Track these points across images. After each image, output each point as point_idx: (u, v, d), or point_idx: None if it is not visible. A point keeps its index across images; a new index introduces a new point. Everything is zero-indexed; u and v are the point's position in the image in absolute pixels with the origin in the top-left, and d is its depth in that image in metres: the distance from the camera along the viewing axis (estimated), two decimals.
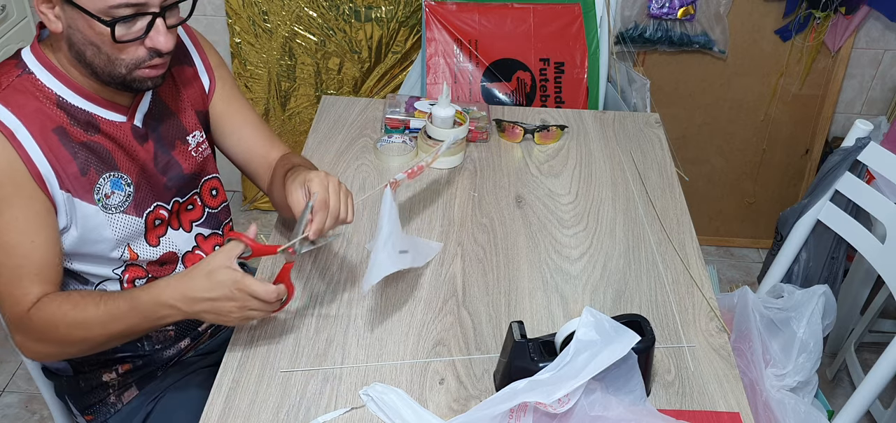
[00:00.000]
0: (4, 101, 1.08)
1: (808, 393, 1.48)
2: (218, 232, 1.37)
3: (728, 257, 2.80)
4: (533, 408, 1.03)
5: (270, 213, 2.81)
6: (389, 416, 1.08)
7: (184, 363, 1.37)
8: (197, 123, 1.31)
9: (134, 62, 1.11)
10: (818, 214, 1.62)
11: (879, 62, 2.47)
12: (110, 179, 1.17)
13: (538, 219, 1.49)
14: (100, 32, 1.06)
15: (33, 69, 1.12)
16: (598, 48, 2.13)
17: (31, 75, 1.12)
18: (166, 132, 1.26)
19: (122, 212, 1.19)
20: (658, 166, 1.66)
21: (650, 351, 1.11)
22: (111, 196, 1.17)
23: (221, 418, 1.08)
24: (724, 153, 2.64)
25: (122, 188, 1.19)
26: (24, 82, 1.11)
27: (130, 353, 1.30)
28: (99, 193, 1.16)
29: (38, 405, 2.14)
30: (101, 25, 1.05)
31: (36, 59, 1.13)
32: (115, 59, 1.10)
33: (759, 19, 2.37)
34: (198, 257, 1.32)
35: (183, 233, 1.30)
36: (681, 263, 1.39)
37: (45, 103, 1.11)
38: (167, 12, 1.10)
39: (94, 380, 1.30)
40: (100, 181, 1.16)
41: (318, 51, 2.54)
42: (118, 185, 1.19)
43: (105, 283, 1.24)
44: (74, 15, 1.06)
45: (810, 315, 1.46)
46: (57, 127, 1.11)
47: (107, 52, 1.09)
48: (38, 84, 1.11)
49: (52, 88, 1.12)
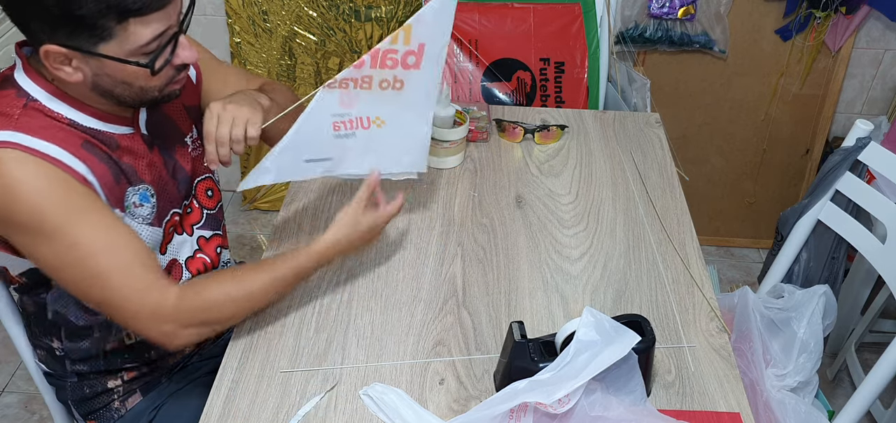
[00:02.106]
0: (26, 129, 1.03)
1: (809, 393, 1.48)
2: (218, 232, 1.37)
3: (728, 257, 2.79)
4: (533, 408, 1.02)
5: (270, 213, 2.81)
6: (389, 416, 1.07)
7: (188, 370, 1.37)
8: (190, 123, 1.31)
9: (165, 82, 1.11)
10: (818, 214, 1.62)
11: (880, 62, 2.47)
12: (138, 191, 1.17)
13: (538, 219, 1.49)
14: (134, 71, 1.05)
15: (37, 97, 1.07)
16: (598, 48, 2.13)
17: (37, 102, 1.07)
18: (167, 136, 1.25)
19: (147, 224, 1.18)
20: (658, 166, 1.66)
21: (650, 351, 1.11)
22: (139, 207, 1.17)
23: (221, 418, 1.08)
24: (725, 153, 2.64)
25: (148, 199, 1.19)
26: (31, 112, 1.06)
27: (137, 361, 1.30)
28: (128, 202, 1.15)
29: (38, 406, 2.14)
30: (137, 67, 1.04)
31: (36, 85, 1.07)
32: (148, 88, 1.09)
33: (760, 19, 2.37)
34: (199, 262, 1.32)
35: (186, 237, 1.30)
36: (681, 263, 1.39)
37: (63, 125, 1.08)
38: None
39: (98, 386, 1.30)
40: (128, 191, 1.15)
41: (317, 51, 2.54)
42: (145, 197, 1.18)
43: None
44: (103, 63, 1.03)
45: (811, 315, 1.46)
46: (84, 142, 1.09)
47: (140, 85, 1.08)
48: (47, 110, 1.07)
49: (62, 113, 1.08)
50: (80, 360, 1.27)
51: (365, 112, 1.23)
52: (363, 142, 1.25)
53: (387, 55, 1.19)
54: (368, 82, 1.20)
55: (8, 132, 1.02)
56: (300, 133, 1.19)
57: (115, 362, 1.28)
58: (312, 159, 1.23)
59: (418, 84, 1.24)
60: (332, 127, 1.22)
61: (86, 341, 1.24)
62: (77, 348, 1.25)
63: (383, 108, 1.24)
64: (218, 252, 1.36)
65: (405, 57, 1.20)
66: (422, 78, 1.24)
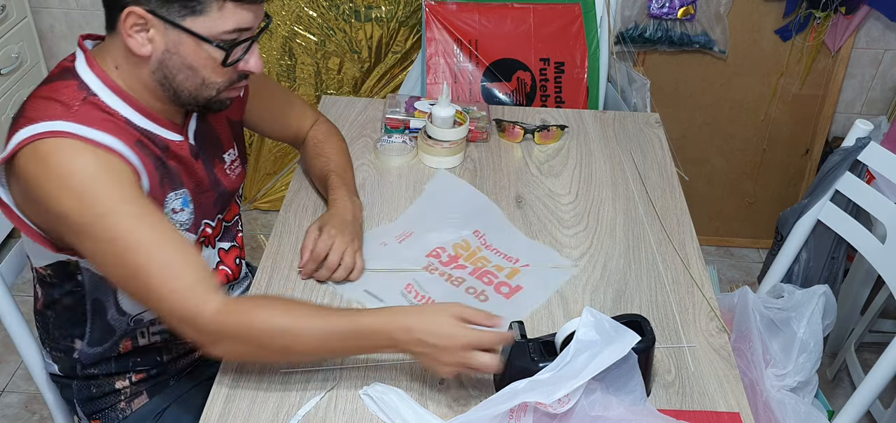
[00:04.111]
0: (83, 121, 1.03)
1: (809, 393, 1.48)
2: (235, 244, 1.38)
3: (728, 257, 2.80)
4: (533, 408, 1.02)
5: (270, 213, 2.81)
6: (389, 416, 1.07)
7: (196, 372, 1.37)
8: (231, 139, 1.32)
9: (225, 84, 1.12)
10: (818, 214, 1.62)
11: (880, 62, 2.47)
12: (180, 197, 1.17)
13: (538, 219, 1.49)
14: (206, 57, 1.06)
15: (97, 91, 1.08)
16: (598, 48, 2.13)
17: (96, 97, 1.07)
18: (209, 149, 1.26)
19: (185, 231, 1.18)
20: (658, 166, 1.66)
21: (650, 351, 1.11)
22: (178, 213, 1.17)
23: (221, 418, 1.08)
24: (725, 153, 2.64)
25: (188, 205, 1.19)
26: (89, 106, 1.06)
27: (148, 364, 1.30)
28: (168, 207, 1.15)
29: (38, 405, 2.14)
30: (211, 50, 1.05)
31: (98, 79, 1.08)
32: (210, 83, 1.10)
33: (760, 19, 2.37)
34: (222, 274, 1.33)
35: (209, 250, 1.31)
36: (681, 263, 1.39)
37: (119, 122, 1.08)
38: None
39: (106, 386, 1.29)
40: (169, 196, 1.15)
41: (317, 51, 2.54)
42: (186, 202, 1.19)
43: (143, 313, 1.23)
44: (181, 39, 1.04)
45: (810, 315, 1.46)
46: (137, 140, 1.09)
47: (203, 76, 1.09)
48: (104, 105, 1.08)
49: (118, 110, 1.09)
50: (91, 363, 1.27)
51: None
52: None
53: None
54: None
55: (65, 122, 1.02)
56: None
57: (126, 363, 1.28)
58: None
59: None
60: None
61: (107, 341, 1.24)
62: (93, 353, 1.25)
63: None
64: (238, 263, 1.37)
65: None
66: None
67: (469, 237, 1.41)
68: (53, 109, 1.03)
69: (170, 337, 1.30)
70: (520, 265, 1.36)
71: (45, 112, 1.03)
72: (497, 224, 1.46)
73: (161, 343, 1.30)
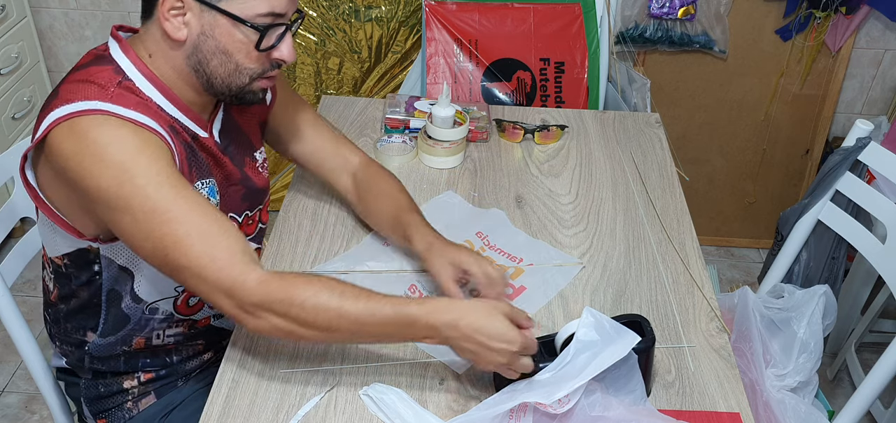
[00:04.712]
0: (119, 102, 1.04)
1: (809, 393, 1.48)
2: (260, 246, 1.38)
3: (728, 257, 2.80)
4: (533, 408, 1.02)
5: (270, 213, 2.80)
6: (389, 416, 1.07)
7: (204, 374, 1.36)
8: (262, 140, 1.32)
9: (257, 72, 1.12)
10: (818, 214, 1.62)
11: (880, 62, 2.47)
12: (207, 185, 1.17)
13: (538, 219, 1.49)
14: (240, 40, 1.07)
15: (132, 77, 1.09)
16: (598, 48, 2.13)
17: (131, 82, 1.08)
18: (237, 147, 1.26)
19: None
20: (658, 166, 1.66)
21: (650, 351, 1.11)
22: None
23: (221, 418, 1.08)
24: (725, 153, 2.64)
25: (214, 196, 1.19)
26: (124, 90, 1.07)
27: (157, 364, 1.30)
28: None
29: (38, 405, 2.14)
30: (247, 32, 1.06)
31: (133, 65, 1.09)
32: (243, 69, 1.10)
33: (760, 19, 2.37)
34: None
35: None
36: (681, 263, 1.39)
37: (152, 108, 1.09)
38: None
39: (114, 386, 1.29)
40: (197, 183, 1.16)
41: (317, 51, 2.54)
42: (213, 191, 1.19)
43: (158, 302, 1.23)
44: (216, 21, 1.06)
45: (811, 315, 1.46)
46: (169, 126, 1.10)
47: (237, 61, 1.09)
48: (138, 91, 1.08)
49: (152, 97, 1.10)
50: (102, 357, 1.26)
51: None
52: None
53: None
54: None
55: (101, 102, 1.03)
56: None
57: (135, 362, 1.28)
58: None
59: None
60: None
61: (121, 331, 1.24)
62: (105, 345, 1.25)
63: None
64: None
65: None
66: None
67: (472, 238, 1.41)
68: (89, 90, 1.04)
69: (183, 339, 1.30)
70: (524, 265, 1.36)
71: (82, 93, 1.03)
72: (500, 226, 1.46)
73: (173, 345, 1.30)
